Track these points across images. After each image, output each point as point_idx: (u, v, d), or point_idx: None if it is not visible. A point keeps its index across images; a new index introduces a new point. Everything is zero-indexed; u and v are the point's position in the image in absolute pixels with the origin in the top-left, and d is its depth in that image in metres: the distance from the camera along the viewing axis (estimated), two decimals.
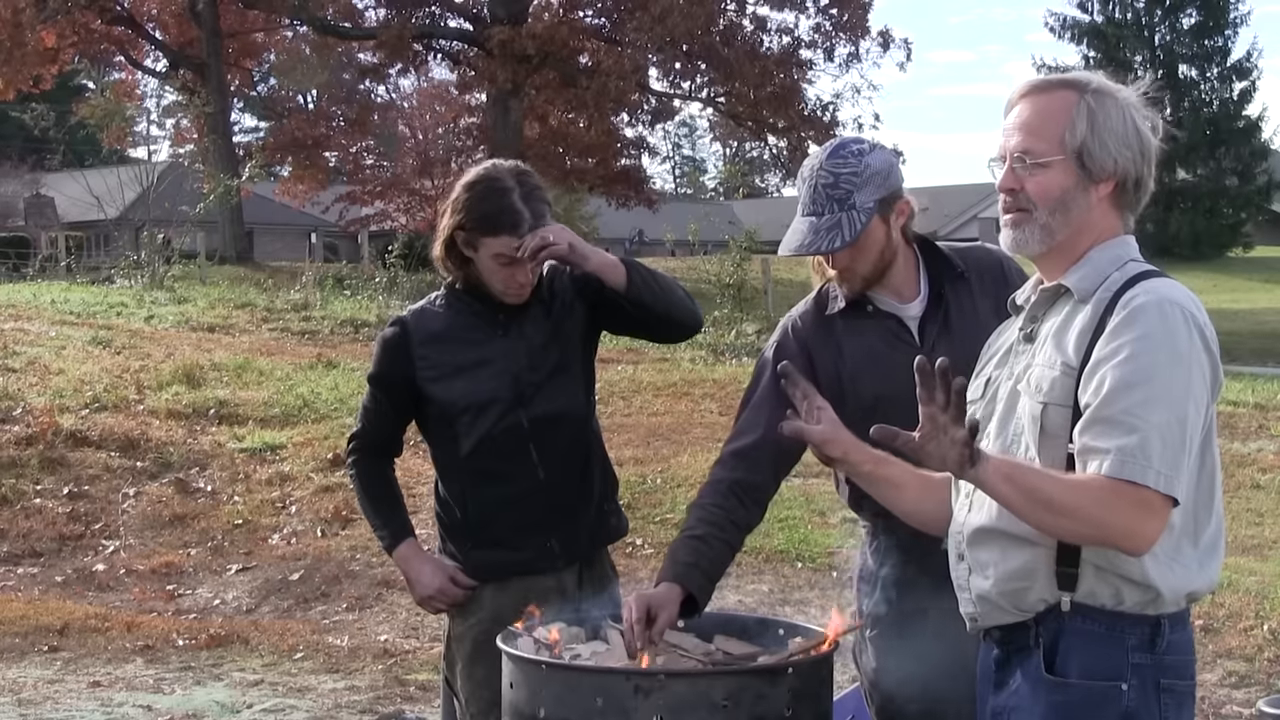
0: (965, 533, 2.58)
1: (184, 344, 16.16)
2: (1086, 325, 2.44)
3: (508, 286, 3.57)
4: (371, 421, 3.79)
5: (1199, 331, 2.40)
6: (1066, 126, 2.50)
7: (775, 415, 3.00)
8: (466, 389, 3.59)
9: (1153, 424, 2.31)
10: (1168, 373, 2.34)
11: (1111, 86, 2.54)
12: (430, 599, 3.69)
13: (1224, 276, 43.34)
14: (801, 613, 7.27)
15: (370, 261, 26.96)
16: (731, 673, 2.86)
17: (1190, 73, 52.53)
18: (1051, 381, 2.46)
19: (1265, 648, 6.69)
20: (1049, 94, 2.54)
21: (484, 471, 3.60)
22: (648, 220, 48.94)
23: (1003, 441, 2.54)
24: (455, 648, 3.68)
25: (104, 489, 10.48)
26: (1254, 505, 9.15)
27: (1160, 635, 2.44)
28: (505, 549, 3.60)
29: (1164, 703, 2.43)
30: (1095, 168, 2.49)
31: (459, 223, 3.55)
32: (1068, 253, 2.53)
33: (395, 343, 3.67)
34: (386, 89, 45.74)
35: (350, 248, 44.50)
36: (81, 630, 7.76)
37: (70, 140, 40.30)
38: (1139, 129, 2.52)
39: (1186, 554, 2.43)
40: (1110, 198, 2.53)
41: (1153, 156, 2.54)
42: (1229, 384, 13.64)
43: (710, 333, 18.04)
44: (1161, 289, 2.43)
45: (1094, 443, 2.34)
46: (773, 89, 36.64)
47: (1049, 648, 2.45)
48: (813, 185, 3.20)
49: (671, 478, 9.93)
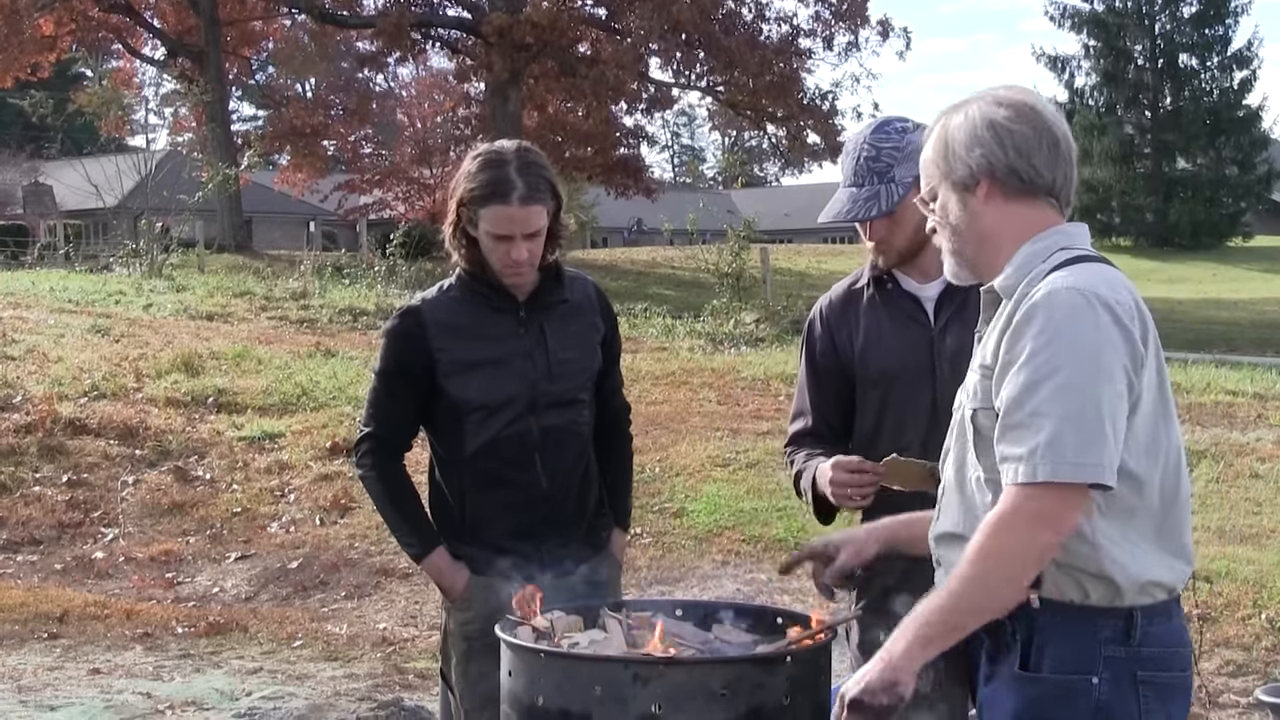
0: (934, 538, 2.62)
1: (182, 332, 16.16)
2: (1003, 324, 2.45)
3: (504, 263, 3.51)
4: (387, 419, 3.66)
5: (1107, 310, 2.35)
6: (930, 155, 2.58)
7: (816, 397, 3.48)
8: (482, 388, 3.53)
9: (1059, 416, 2.29)
10: (1072, 361, 2.31)
11: (970, 97, 2.58)
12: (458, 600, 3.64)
13: (1223, 266, 43.35)
14: (800, 601, 7.28)
15: (369, 250, 26.90)
16: (730, 661, 2.86)
17: (1191, 62, 52.47)
18: (974, 386, 2.48)
19: (1263, 636, 6.70)
20: (928, 135, 2.62)
21: (488, 473, 3.56)
22: (646, 209, 49.00)
23: (960, 447, 2.56)
24: (451, 643, 3.67)
25: (103, 477, 10.49)
26: (1252, 494, 9.16)
27: (1134, 627, 2.41)
28: (497, 553, 3.55)
29: (1143, 695, 2.41)
30: (957, 177, 2.52)
31: (461, 198, 3.52)
32: (994, 262, 2.54)
33: (412, 334, 3.57)
34: (385, 77, 45.73)
35: (349, 236, 44.49)
36: (81, 618, 7.77)
37: (68, 128, 40.33)
38: (990, 122, 2.51)
39: (1147, 541, 2.41)
40: (996, 196, 2.51)
41: (1021, 139, 2.50)
42: (1227, 373, 13.67)
43: (709, 322, 18.06)
44: (1064, 278, 2.39)
45: (1007, 450, 2.35)
46: (772, 78, 36.63)
47: (1025, 644, 2.45)
48: (855, 158, 3.32)
49: (670, 466, 9.93)
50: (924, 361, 3.30)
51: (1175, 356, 14.89)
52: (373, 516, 9.34)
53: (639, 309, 21.01)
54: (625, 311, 20.89)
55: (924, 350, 3.30)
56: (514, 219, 3.45)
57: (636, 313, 20.50)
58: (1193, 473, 9.34)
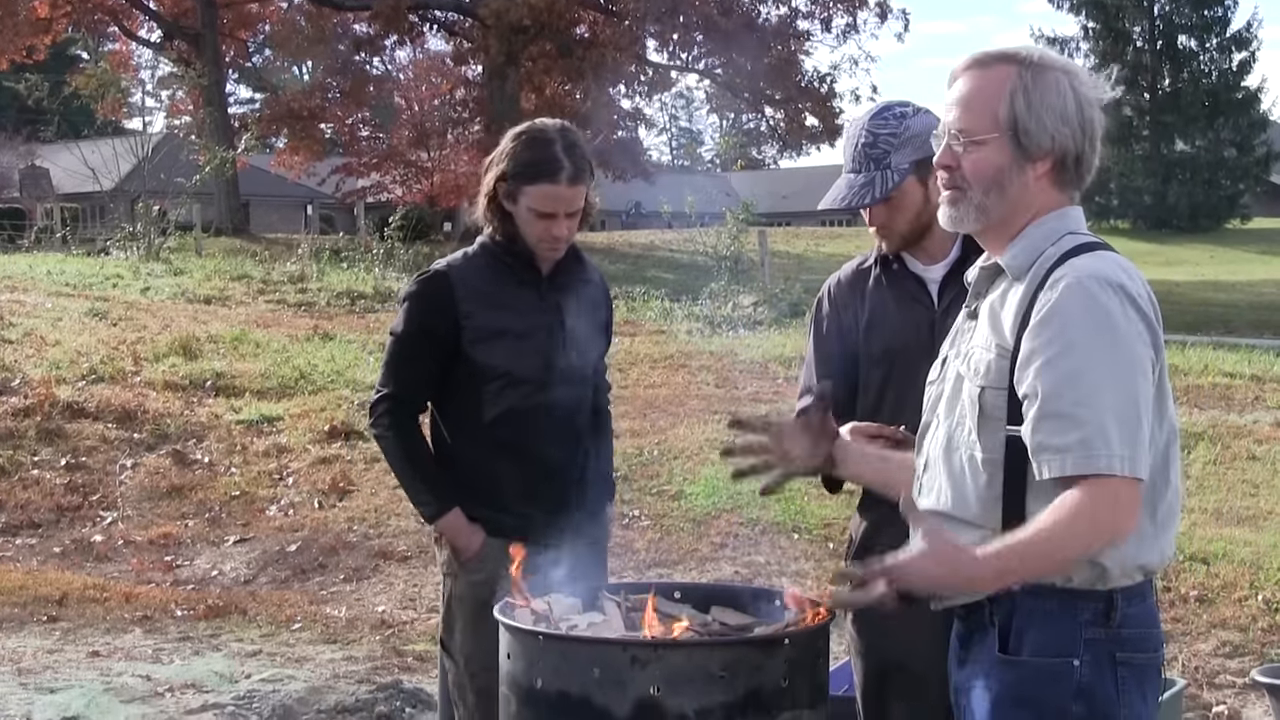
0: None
1: (180, 316, 16.16)
2: (1019, 305, 2.42)
3: (543, 239, 3.61)
4: (407, 380, 3.71)
5: (1130, 301, 2.35)
6: (1001, 103, 2.45)
7: (822, 373, 3.43)
8: (507, 357, 3.61)
9: (1105, 409, 2.28)
10: (1109, 354, 2.31)
11: (1054, 60, 2.48)
12: (473, 560, 3.70)
13: (1222, 248, 43.30)
14: (798, 584, 7.29)
15: (367, 233, 26.87)
16: (728, 643, 2.87)
17: (1189, 43, 52.36)
18: (988, 364, 2.44)
19: (1259, 618, 6.72)
20: (987, 69, 2.49)
21: (502, 442, 3.64)
22: (644, 192, 48.85)
23: (950, 423, 2.53)
24: (456, 607, 3.71)
25: (101, 460, 10.49)
26: (1249, 476, 9.16)
27: (1114, 609, 2.41)
28: (509, 515, 3.63)
29: (1121, 676, 2.42)
30: (1031, 145, 2.44)
31: (501, 173, 3.60)
32: (1006, 229, 2.50)
33: (439, 293, 3.64)
34: (382, 60, 45.57)
35: (346, 219, 44.38)
36: (80, 600, 7.78)
37: (65, 111, 40.13)
38: (1080, 104, 2.45)
39: (1143, 528, 2.40)
40: (1049, 176, 2.48)
41: (1096, 133, 2.48)
42: (1225, 355, 13.67)
43: (707, 304, 18.02)
44: (1088, 265, 2.38)
45: (1049, 440, 2.32)
46: (770, 60, 36.52)
47: (1004, 626, 2.45)
48: (854, 144, 3.33)
49: (668, 450, 9.93)
50: (925, 341, 3.30)
51: (1173, 338, 14.86)
52: (371, 500, 9.36)
53: (637, 292, 20.96)
54: (624, 294, 20.85)
55: (926, 330, 3.32)
56: (561, 197, 3.57)
57: (635, 295, 20.47)
58: (1190, 455, 9.35)
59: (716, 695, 2.69)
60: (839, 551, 7.80)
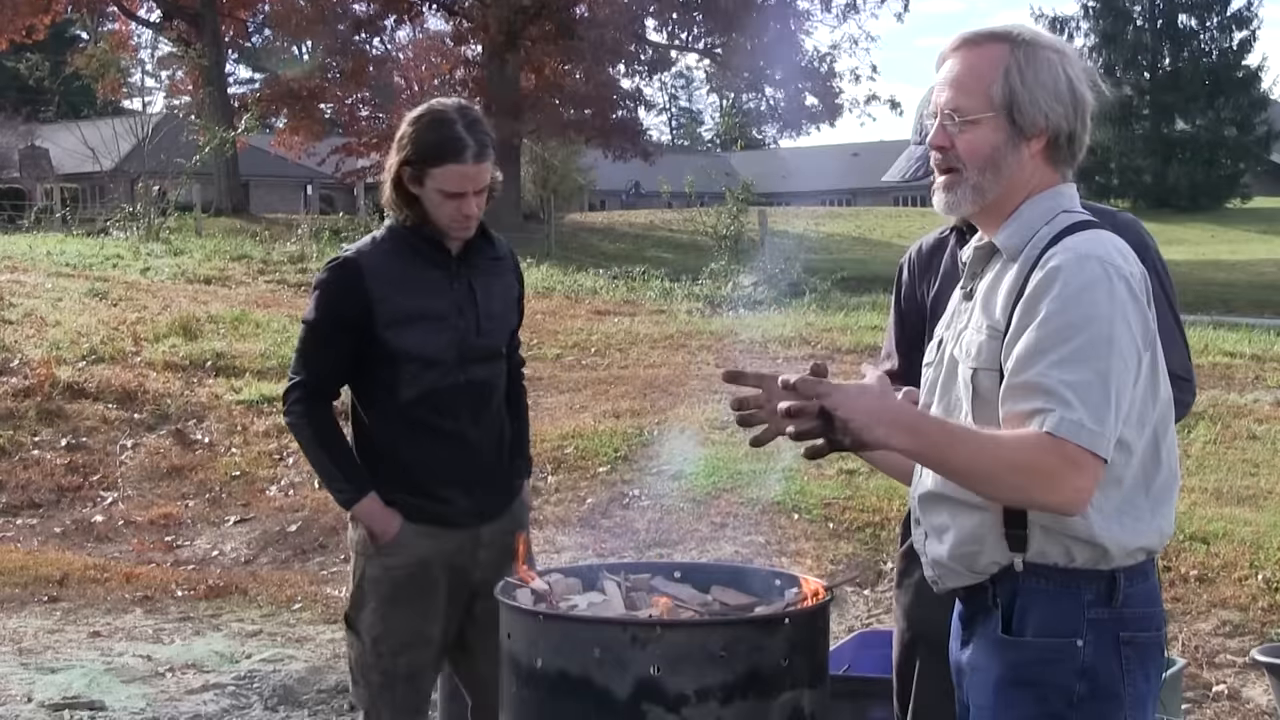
0: (917, 497, 2.57)
1: (180, 296, 16.15)
2: (1012, 286, 2.41)
3: (454, 219, 3.61)
4: (319, 367, 3.71)
5: (1123, 281, 2.34)
6: (995, 82, 2.44)
7: (901, 340, 3.52)
8: (421, 341, 3.62)
9: (1071, 383, 2.27)
10: (1085, 331, 2.29)
11: (1046, 39, 2.48)
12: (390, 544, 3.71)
13: (1222, 227, 43.29)
14: (798, 564, 7.30)
15: (366, 213, 26.85)
16: (728, 623, 2.87)
17: (1190, 22, 52.27)
18: (979, 346, 2.43)
19: (1259, 597, 6.72)
20: (980, 48, 2.48)
21: (420, 423, 3.65)
22: (644, 172, 48.76)
23: (944, 406, 2.52)
24: (369, 588, 3.71)
25: (102, 440, 10.50)
26: (1250, 456, 9.16)
27: (1117, 589, 2.41)
28: (429, 499, 3.66)
29: (1125, 655, 2.41)
30: (1025, 123, 2.44)
31: (405, 157, 3.59)
32: (1001, 209, 2.49)
33: (349, 280, 3.63)
34: (382, 40, 45.42)
35: (346, 199, 44.37)
36: (81, 581, 7.79)
37: (65, 91, 40.09)
38: (1072, 83, 2.46)
39: (1139, 508, 2.40)
40: (1043, 153, 2.47)
41: (1087, 111, 2.48)
42: (1225, 335, 13.67)
43: (707, 284, 18.04)
44: (1080, 244, 2.37)
45: (1016, 407, 2.31)
46: (770, 39, 36.42)
47: (1006, 607, 2.44)
48: (919, 113, 3.36)
49: (669, 429, 9.93)
50: None
51: None
52: None
53: (637, 272, 20.96)
54: (623, 274, 20.84)
55: None
56: (468, 175, 3.56)
57: (634, 275, 20.46)
58: (1190, 434, 9.35)
59: (717, 675, 2.69)
60: (838, 532, 7.81)
